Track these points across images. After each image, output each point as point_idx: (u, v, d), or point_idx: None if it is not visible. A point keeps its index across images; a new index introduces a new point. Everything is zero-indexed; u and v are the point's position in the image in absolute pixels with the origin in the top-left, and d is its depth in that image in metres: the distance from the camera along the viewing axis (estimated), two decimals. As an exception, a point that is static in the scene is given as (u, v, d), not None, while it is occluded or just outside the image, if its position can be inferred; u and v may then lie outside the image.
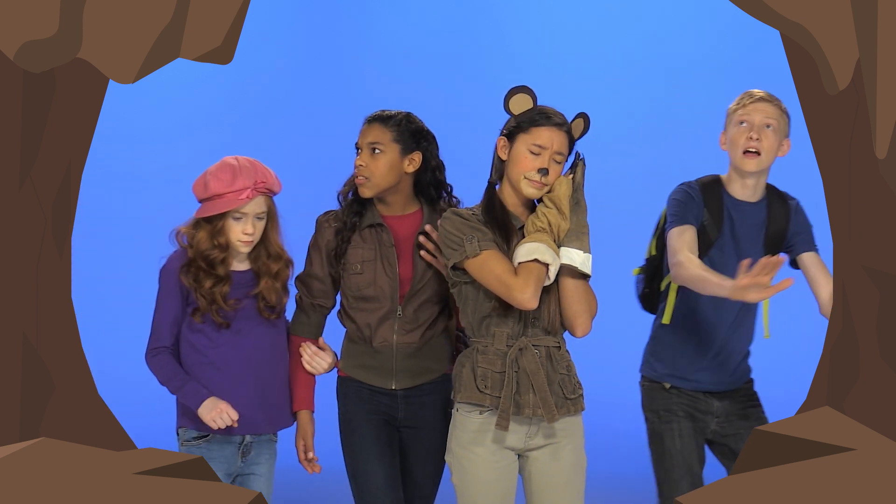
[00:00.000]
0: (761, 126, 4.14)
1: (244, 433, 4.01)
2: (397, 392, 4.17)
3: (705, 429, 4.25)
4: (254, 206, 3.95)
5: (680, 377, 4.26)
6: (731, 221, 4.21)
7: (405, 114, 4.21)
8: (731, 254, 4.19)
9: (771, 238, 4.21)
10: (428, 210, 4.21)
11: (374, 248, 4.16)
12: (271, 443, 4.11)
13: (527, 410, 3.81)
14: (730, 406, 4.24)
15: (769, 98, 4.19)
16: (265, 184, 3.95)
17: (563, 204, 3.83)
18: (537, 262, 3.77)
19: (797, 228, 4.24)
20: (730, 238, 4.20)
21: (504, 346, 3.84)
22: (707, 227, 4.23)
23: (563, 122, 3.86)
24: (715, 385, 4.24)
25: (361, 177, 4.13)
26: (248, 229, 3.95)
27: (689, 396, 4.25)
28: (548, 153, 3.83)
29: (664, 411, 4.27)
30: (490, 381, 3.82)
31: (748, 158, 4.14)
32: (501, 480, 3.87)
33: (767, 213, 4.22)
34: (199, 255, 3.95)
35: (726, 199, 4.23)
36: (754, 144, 4.13)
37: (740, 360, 4.26)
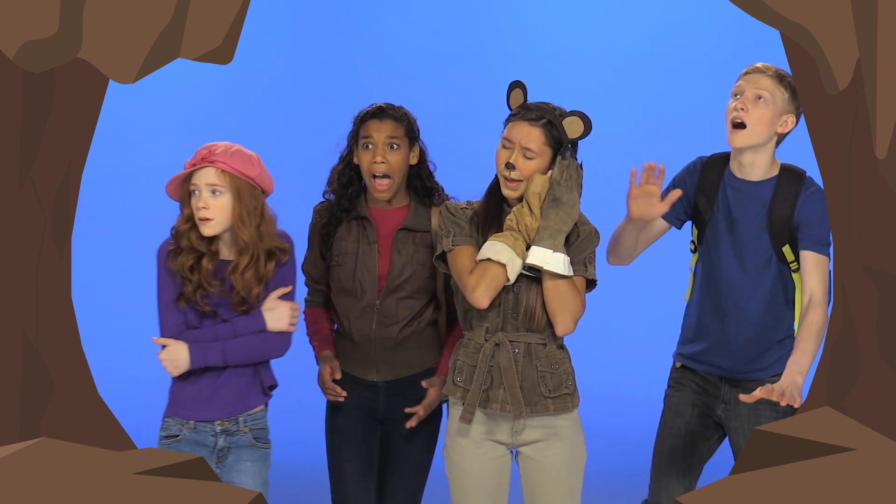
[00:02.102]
0: (752, 98, 4.03)
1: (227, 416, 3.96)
2: (378, 384, 4.22)
3: (711, 408, 4.20)
4: (202, 176, 3.88)
5: (690, 358, 4.24)
6: (727, 201, 4.12)
7: (401, 106, 4.25)
8: (725, 235, 4.12)
9: (775, 222, 4.08)
10: (415, 205, 4.24)
11: (356, 240, 4.20)
12: (255, 449, 4.00)
13: (495, 405, 3.85)
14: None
15: (765, 69, 4.07)
16: (222, 155, 3.88)
17: (532, 201, 3.82)
18: (492, 262, 3.78)
19: (806, 219, 4.05)
20: (725, 218, 4.12)
21: (482, 340, 3.87)
22: (700, 207, 4.17)
23: (540, 118, 3.83)
24: (728, 372, 4.17)
25: (384, 177, 4.14)
26: (199, 203, 3.88)
27: (700, 377, 4.23)
28: (516, 148, 3.83)
29: (675, 383, 4.28)
30: (465, 374, 3.87)
31: (735, 132, 4.04)
32: (488, 472, 3.90)
33: (773, 195, 4.09)
34: (176, 233, 3.95)
35: (726, 177, 4.14)
36: (740, 115, 4.03)
37: (762, 351, 4.15)
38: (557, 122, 3.85)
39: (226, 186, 3.89)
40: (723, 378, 4.21)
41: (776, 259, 4.10)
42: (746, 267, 4.12)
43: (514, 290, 3.87)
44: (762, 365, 4.17)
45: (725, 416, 4.20)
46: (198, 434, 3.95)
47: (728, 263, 4.13)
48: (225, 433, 3.96)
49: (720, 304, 4.16)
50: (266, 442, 4.03)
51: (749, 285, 4.12)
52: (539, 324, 3.87)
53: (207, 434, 3.95)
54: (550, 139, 3.84)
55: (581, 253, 3.89)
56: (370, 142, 4.15)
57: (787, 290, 4.15)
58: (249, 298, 3.94)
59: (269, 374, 4.05)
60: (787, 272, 4.13)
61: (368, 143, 4.16)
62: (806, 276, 4.04)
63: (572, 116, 3.86)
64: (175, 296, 3.93)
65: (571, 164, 3.84)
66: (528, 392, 3.86)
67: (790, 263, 4.11)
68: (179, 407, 3.96)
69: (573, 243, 3.89)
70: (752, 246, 4.11)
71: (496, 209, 3.92)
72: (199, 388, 3.94)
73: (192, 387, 3.95)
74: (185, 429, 3.95)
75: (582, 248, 3.90)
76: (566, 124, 3.86)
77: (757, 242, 4.10)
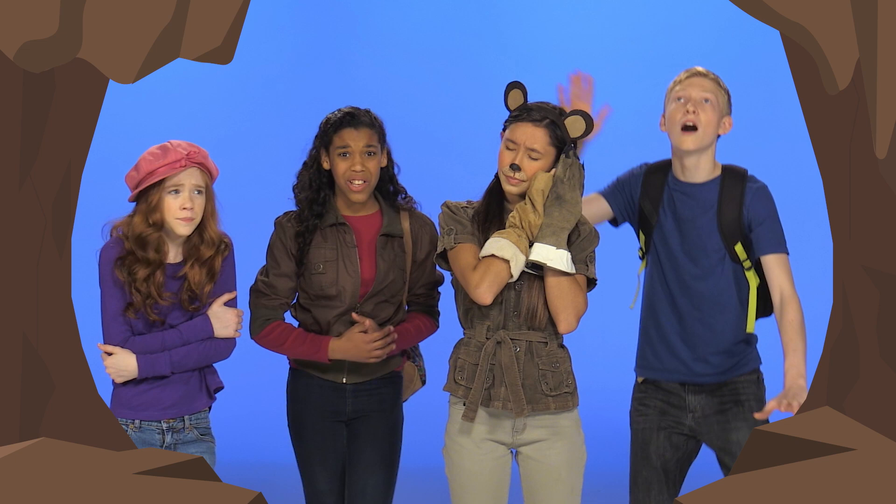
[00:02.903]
0: (699, 100, 4.08)
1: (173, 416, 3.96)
2: (346, 386, 4.23)
3: (679, 424, 4.18)
4: (189, 176, 3.86)
5: (650, 368, 4.23)
6: (673, 204, 4.14)
7: (369, 110, 4.26)
8: (674, 237, 4.12)
9: (725, 223, 4.10)
10: (387, 210, 4.25)
11: (335, 247, 4.20)
12: (200, 442, 4.01)
13: (497, 403, 3.85)
14: (706, 401, 4.16)
15: (706, 73, 4.13)
16: (199, 155, 3.87)
17: (535, 198, 3.82)
18: (496, 258, 3.78)
19: (756, 217, 4.09)
20: (671, 222, 4.13)
21: (483, 339, 3.87)
22: (646, 211, 4.18)
23: (544, 119, 3.85)
24: (689, 377, 4.16)
25: (361, 182, 4.14)
26: (186, 203, 3.85)
27: (664, 391, 4.20)
28: (521, 149, 3.84)
29: (638, 404, 4.26)
30: (466, 372, 3.87)
31: (686, 135, 4.07)
32: (489, 472, 3.90)
33: (720, 196, 4.12)
34: (134, 239, 3.88)
35: (670, 182, 4.16)
36: (691, 118, 4.06)
37: (720, 351, 4.14)
38: (560, 121, 3.86)
39: (204, 185, 3.90)
40: (685, 385, 4.18)
41: (729, 258, 4.12)
42: (699, 268, 4.12)
43: (516, 288, 3.87)
44: (723, 367, 4.16)
45: (695, 423, 4.18)
46: (144, 433, 3.96)
47: (681, 265, 4.13)
48: (171, 430, 3.97)
49: (675, 307, 4.15)
50: (211, 437, 4.05)
51: (703, 286, 4.12)
52: (541, 322, 3.87)
53: (154, 432, 3.96)
54: (554, 139, 3.86)
55: (582, 252, 3.90)
56: (347, 151, 4.15)
57: (741, 290, 4.16)
58: (201, 296, 3.94)
59: (214, 377, 4.06)
60: (739, 271, 4.15)
61: (346, 152, 4.15)
62: (771, 276, 4.08)
63: (574, 116, 3.87)
64: (122, 306, 3.91)
65: (574, 163, 3.85)
66: (529, 390, 3.86)
67: (743, 262, 4.13)
68: (123, 407, 3.97)
69: (574, 242, 3.89)
70: (703, 246, 4.12)
71: (497, 207, 3.93)
72: (142, 389, 3.95)
73: (136, 389, 3.95)
74: (130, 428, 3.95)
75: (582, 247, 3.90)
76: (568, 124, 3.87)
77: (707, 243, 4.11)
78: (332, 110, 4.30)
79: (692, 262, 4.13)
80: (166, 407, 3.96)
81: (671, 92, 4.15)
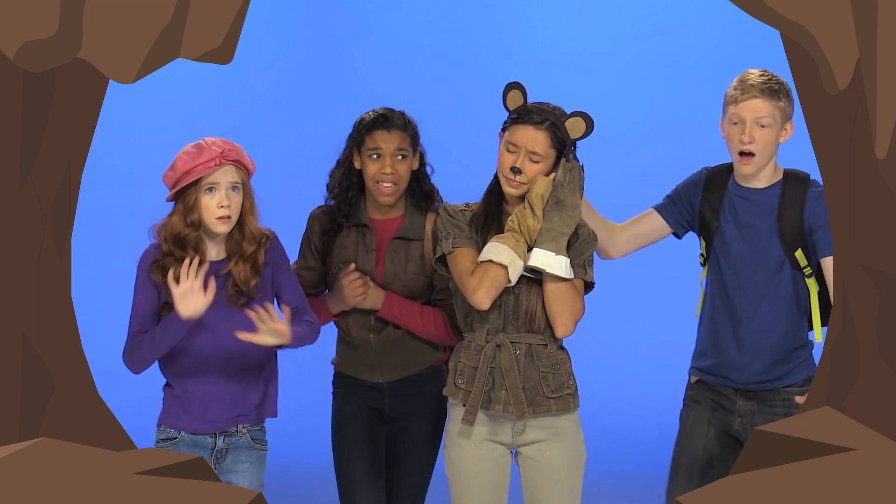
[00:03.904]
0: (754, 125, 4.03)
1: (219, 430, 3.92)
2: (383, 385, 4.23)
3: (727, 423, 4.16)
4: (225, 174, 3.83)
5: (705, 371, 4.21)
6: (734, 209, 4.12)
7: (403, 112, 4.24)
8: (735, 243, 4.10)
9: (786, 228, 4.07)
10: (410, 213, 4.23)
11: (355, 248, 4.20)
12: (252, 450, 3.96)
13: (497, 406, 3.85)
14: (757, 407, 4.14)
15: (762, 92, 4.04)
16: (234, 152, 3.84)
17: (535, 203, 3.81)
18: (494, 263, 3.77)
19: (817, 221, 4.06)
20: (733, 226, 4.11)
21: (483, 342, 3.87)
22: (706, 217, 4.16)
23: (545, 121, 3.83)
24: (742, 383, 4.14)
25: (390, 184, 4.13)
26: (223, 201, 3.82)
27: (715, 391, 4.18)
28: (522, 152, 3.83)
29: (690, 401, 4.24)
30: (466, 376, 3.87)
31: (743, 162, 4.06)
32: (489, 473, 3.90)
33: (780, 200, 4.10)
34: (173, 239, 3.85)
35: (730, 187, 4.14)
36: (747, 147, 4.04)
37: (777, 360, 4.12)
38: (560, 123, 3.85)
39: (241, 182, 3.86)
40: (738, 390, 4.16)
41: (789, 265, 4.09)
42: (759, 274, 4.09)
43: (515, 292, 3.86)
44: (778, 375, 4.14)
45: (742, 429, 4.16)
46: (196, 436, 3.94)
47: (741, 271, 4.11)
48: (224, 435, 3.94)
49: (734, 313, 4.13)
50: (263, 443, 4.00)
51: (762, 292, 4.10)
52: (539, 325, 3.87)
53: (206, 436, 3.94)
54: (555, 141, 3.85)
55: (580, 255, 3.89)
56: (379, 153, 4.14)
57: (800, 298, 4.13)
58: (249, 291, 3.90)
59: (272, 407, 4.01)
60: (800, 278, 4.12)
61: (377, 153, 4.15)
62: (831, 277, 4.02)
63: (575, 117, 3.86)
64: (152, 306, 3.88)
65: (574, 166, 3.85)
66: (530, 393, 3.86)
67: (803, 269, 4.10)
68: (172, 418, 3.95)
69: (573, 246, 3.88)
70: (764, 253, 4.09)
71: (496, 210, 3.92)
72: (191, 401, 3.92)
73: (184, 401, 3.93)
74: (183, 432, 3.94)
75: (581, 250, 3.90)
76: (569, 125, 3.86)
77: (768, 249, 4.09)
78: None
79: (752, 269, 4.09)
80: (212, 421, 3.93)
81: (728, 106, 4.08)
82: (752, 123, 4.03)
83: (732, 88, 4.10)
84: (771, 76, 4.10)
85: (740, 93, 4.06)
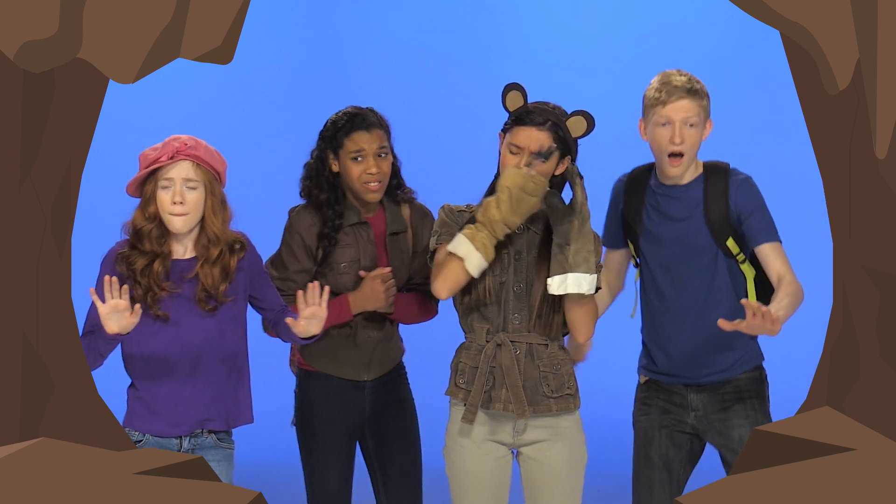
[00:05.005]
0: (683, 125, 4.04)
1: (184, 433, 3.88)
2: (367, 383, 4.24)
3: (680, 422, 4.18)
4: (179, 169, 3.80)
5: (652, 371, 4.22)
6: (658, 207, 4.13)
7: (372, 109, 4.25)
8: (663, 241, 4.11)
9: (713, 219, 4.08)
10: (389, 204, 4.26)
11: (357, 246, 4.20)
12: (219, 449, 3.92)
13: (497, 405, 3.85)
14: (708, 399, 4.15)
15: (687, 92, 4.06)
16: (193, 149, 3.81)
17: (501, 194, 3.77)
18: (454, 255, 3.78)
19: (744, 208, 4.08)
20: (658, 225, 4.12)
21: (483, 342, 3.88)
22: (630, 221, 4.17)
23: (547, 121, 3.84)
24: (691, 378, 4.15)
25: (377, 183, 4.14)
26: (176, 197, 3.79)
27: (665, 390, 4.19)
28: (525, 153, 3.83)
29: (641, 404, 4.25)
30: (467, 375, 3.87)
31: (673, 164, 4.06)
32: (489, 473, 3.90)
33: (704, 193, 4.11)
34: (133, 233, 3.84)
35: (653, 186, 4.15)
36: (678, 148, 4.04)
37: (720, 350, 4.13)
38: (562, 122, 3.86)
39: (199, 180, 3.82)
40: (688, 385, 4.17)
41: (722, 255, 4.11)
42: (692, 268, 4.11)
43: (515, 290, 3.87)
44: (724, 365, 4.15)
45: (697, 422, 4.17)
46: (162, 439, 3.89)
47: (673, 267, 4.12)
48: (190, 436, 3.91)
49: (671, 309, 4.14)
50: (230, 442, 3.97)
51: (697, 283, 4.11)
52: (556, 332, 3.88)
53: (171, 439, 3.90)
54: (558, 141, 3.85)
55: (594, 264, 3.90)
56: (362, 154, 4.14)
57: (737, 285, 4.14)
58: (217, 295, 3.86)
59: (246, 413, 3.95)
60: (734, 265, 4.14)
61: (359, 155, 4.14)
62: (768, 263, 4.06)
63: (576, 116, 3.87)
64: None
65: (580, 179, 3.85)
66: (530, 392, 3.86)
67: (736, 256, 4.12)
68: (137, 420, 3.91)
69: None
70: (693, 247, 4.11)
71: None
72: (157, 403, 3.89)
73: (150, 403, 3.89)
74: (147, 434, 3.91)
75: None
76: (570, 124, 3.87)
77: (697, 241, 4.10)
78: (332, 111, 4.28)
79: (684, 263, 4.12)
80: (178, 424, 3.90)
81: (652, 108, 4.07)
82: (681, 124, 4.04)
83: (655, 91, 4.10)
84: (690, 76, 4.14)
85: (666, 94, 4.07)
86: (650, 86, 4.14)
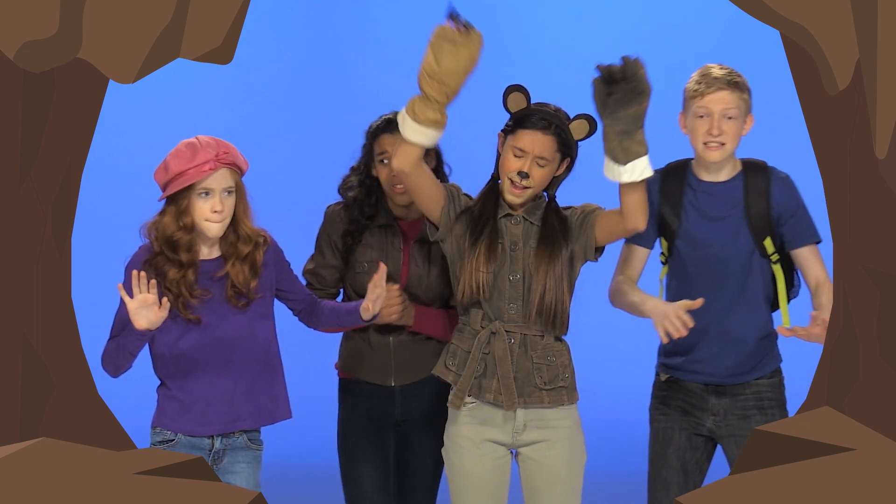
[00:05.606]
0: (721, 117, 4.02)
1: (216, 433, 3.86)
2: (395, 388, 4.22)
3: (699, 425, 4.15)
4: (219, 178, 3.75)
5: (674, 368, 4.20)
6: (698, 204, 4.10)
7: None
8: (701, 239, 4.07)
9: (754, 218, 4.07)
10: None
11: (381, 248, 4.19)
12: (249, 450, 3.90)
13: (488, 395, 3.85)
14: (729, 404, 4.11)
15: (727, 84, 4.05)
16: (228, 155, 3.77)
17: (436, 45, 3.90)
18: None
19: (785, 209, 4.06)
20: (698, 222, 4.09)
21: (478, 327, 3.87)
22: (666, 217, 4.14)
23: (550, 125, 3.85)
24: (714, 378, 4.11)
25: (402, 184, 4.11)
26: (216, 206, 3.74)
27: (686, 390, 4.17)
28: (529, 157, 3.84)
29: (659, 403, 4.23)
30: (458, 358, 3.87)
31: (711, 150, 4.03)
32: (488, 473, 3.90)
33: (744, 190, 4.09)
34: (164, 241, 3.78)
35: (691, 182, 4.12)
36: (717, 139, 4.02)
37: (745, 352, 4.09)
38: (565, 126, 3.87)
39: (234, 184, 3.80)
40: (709, 386, 4.13)
41: (757, 254, 4.09)
42: (731, 266, 4.09)
43: (511, 280, 3.86)
44: (746, 368, 4.12)
45: (716, 427, 4.13)
46: (194, 438, 3.88)
47: (710, 265, 4.09)
48: (221, 436, 3.90)
49: (706, 308, 4.07)
50: (259, 443, 3.95)
51: (734, 282, 4.08)
52: (539, 316, 3.86)
53: (203, 438, 3.87)
54: (561, 144, 3.87)
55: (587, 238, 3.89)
56: (386, 157, 4.14)
57: (766, 287, 4.12)
58: (248, 292, 3.84)
59: (284, 408, 3.94)
60: (766, 266, 4.11)
61: (384, 158, 4.15)
62: (807, 266, 4.05)
63: (579, 120, 3.89)
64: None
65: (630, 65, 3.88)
66: (521, 383, 3.86)
67: (770, 255, 4.10)
68: (169, 420, 3.88)
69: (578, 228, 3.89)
70: (734, 245, 4.08)
71: (490, 211, 3.92)
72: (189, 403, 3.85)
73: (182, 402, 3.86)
74: (179, 434, 3.90)
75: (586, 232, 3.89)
76: (573, 127, 3.89)
77: (736, 241, 4.08)
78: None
79: (721, 262, 4.08)
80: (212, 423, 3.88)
81: (692, 101, 4.08)
82: (719, 116, 4.03)
83: (695, 83, 4.10)
84: (731, 70, 4.12)
85: (705, 86, 4.07)
86: (690, 79, 4.14)
